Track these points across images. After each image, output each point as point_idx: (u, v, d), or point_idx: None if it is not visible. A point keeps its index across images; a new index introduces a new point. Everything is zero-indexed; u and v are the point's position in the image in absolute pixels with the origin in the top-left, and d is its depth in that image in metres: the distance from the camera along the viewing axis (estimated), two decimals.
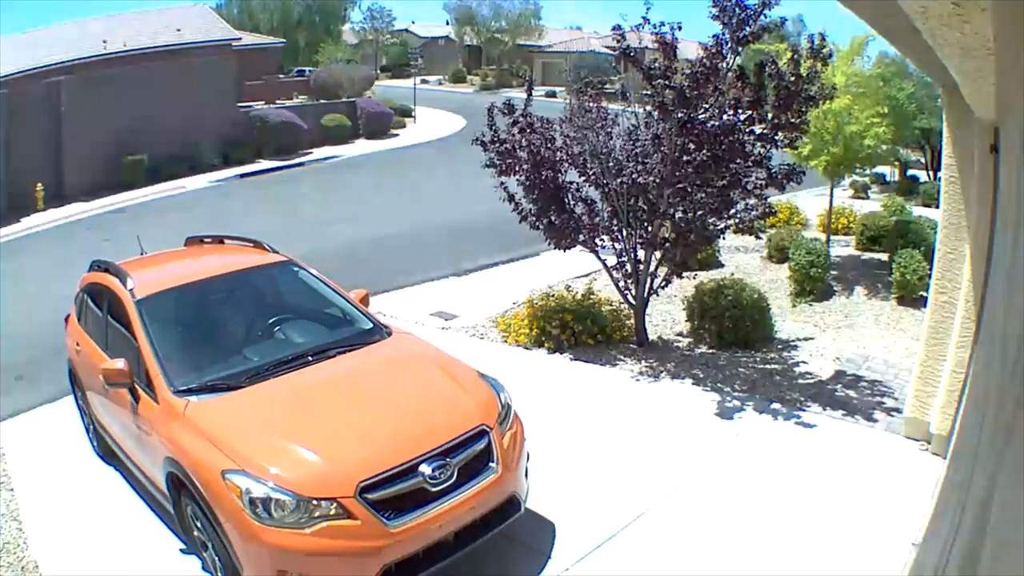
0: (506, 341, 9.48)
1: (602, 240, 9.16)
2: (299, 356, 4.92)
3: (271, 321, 5.54)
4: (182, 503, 4.49)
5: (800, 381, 8.12)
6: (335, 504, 3.87)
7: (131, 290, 5.24)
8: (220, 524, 4.02)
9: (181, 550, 5.07)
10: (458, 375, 4.94)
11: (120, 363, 4.74)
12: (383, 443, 4.20)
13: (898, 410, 7.27)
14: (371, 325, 5.55)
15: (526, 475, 4.91)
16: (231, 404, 4.46)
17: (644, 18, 8.10)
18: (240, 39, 32.20)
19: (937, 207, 8.13)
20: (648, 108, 8.60)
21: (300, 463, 4.02)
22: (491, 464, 4.45)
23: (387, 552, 3.92)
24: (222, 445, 4.10)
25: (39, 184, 19.70)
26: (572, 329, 9.21)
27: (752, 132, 8.13)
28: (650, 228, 8.72)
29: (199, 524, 4.33)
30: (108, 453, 6.28)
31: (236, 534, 3.94)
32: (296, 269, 6.03)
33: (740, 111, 8.15)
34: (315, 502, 3.85)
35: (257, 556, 3.90)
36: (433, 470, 4.12)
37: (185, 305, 5.43)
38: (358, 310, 5.71)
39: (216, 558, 4.24)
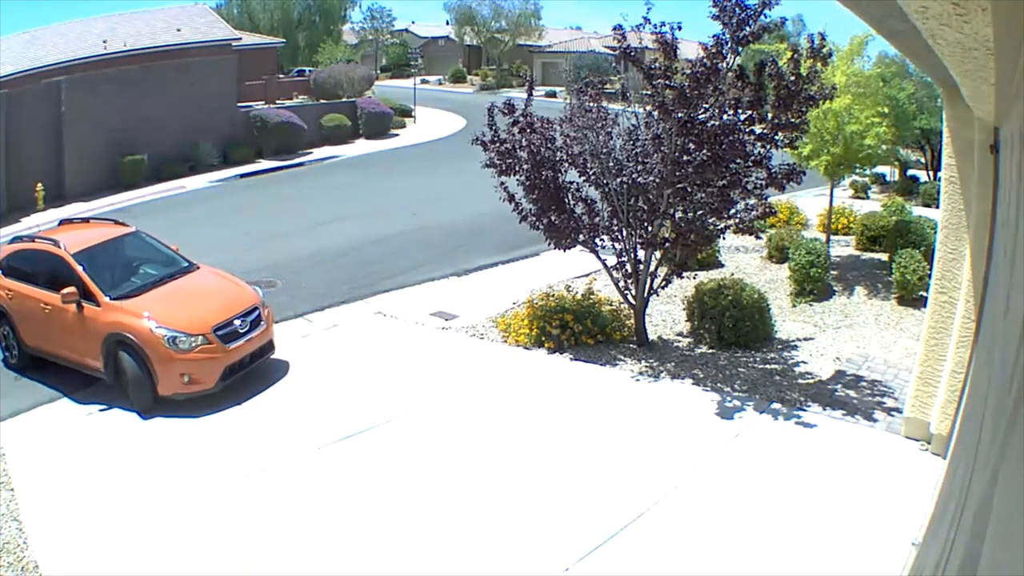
0: (506, 341, 9.48)
1: (602, 240, 9.16)
2: (160, 279, 8.81)
3: (136, 263, 9.27)
4: (117, 357, 7.97)
5: (800, 381, 8.12)
6: (203, 337, 7.93)
7: (65, 249, 8.55)
8: (148, 356, 7.75)
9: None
10: (240, 284, 9.14)
11: (71, 288, 8.11)
12: (217, 311, 8.30)
13: (898, 410, 7.27)
14: (187, 264, 9.33)
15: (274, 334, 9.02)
16: (142, 300, 8.26)
17: (644, 18, 8.11)
18: (240, 39, 32.20)
19: (937, 207, 8.14)
20: (648, 108, 8.60)
21: (185, 319, 8.02)
22: (262, 323, 8.62)
23: (225, 359, 8.04)
24: (148, 317, 7.92)
25: (39, 184, 19.65)
26: (572, 329, 9.22)
27: (752, 132, 8.13)
28: (650, 228, 8.72)
29: (128, 364, 7.85)
30: (24, 366, 9.08)
31: (158, 359, 7.75)
32: (143, 235, 9.70)
33: (740, 111, 8.15)
34: (194, 337, 7.89)
35: (170, 368, 7.78)
36: (240, 322, 8.32)
37: (96, 255, 8.74)
38: (180, 256, 9.45)
39: (138, 379, 7.81)
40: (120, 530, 5.77)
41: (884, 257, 12.20)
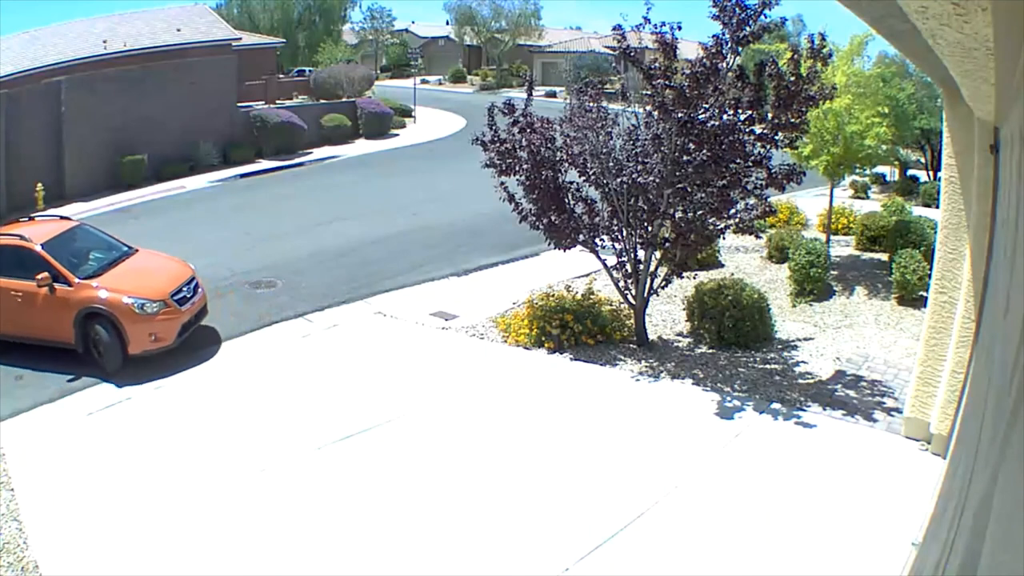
0: (506, 341, 9.48)
1: (602, 240, 9.16)
2: (113, 261, 10.05)
3: (87, 250, 10.32)
4: (87, 327, 9.06)
5: (800, 381, 8.12)
6: (163, 302, 9.22)
7: (31, 241, 9.50)
8: (121, 323, 8.96)
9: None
10: (177, 260, 10.58)
11: (45, 273, 9.11)
12: (168, 281, 9.64)
13: (898, 410, 7.27)
14: (128, 248, 10.65)
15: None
16: (106, 277, 9.49)
17: (645, 18, 8.11)
18: (240, 39, 32.18)
19: (937, 207, 8.14)
20: (648, 108, 8.60)
21: (148, 289, 9.30)
22: (200, 289, 10.11)
23: (181, 318, 9.39)
24: (118, 290, 9.18)
25: (39, 184, 19.63)
26: (572, 329, 9.21)
27: (752, 132, 8.13)
28: (650, 228, 8.71)
29: (100, 333, 8.99)
30: None
31: (130, 324, 8.98)
32: (88, 227, 11.02)
33: (740, 111, 8.15)
34: (157, 302, 9.16)
35: (140, 330, 9.03)
36: (186, 289, 9.73)
37: (58, 244, 9.76)
38: (120, 242, 10.74)
39: (109, 344, 8.96)
40: (120, 530, 5.77)
41: (884, 257, 12.20)
